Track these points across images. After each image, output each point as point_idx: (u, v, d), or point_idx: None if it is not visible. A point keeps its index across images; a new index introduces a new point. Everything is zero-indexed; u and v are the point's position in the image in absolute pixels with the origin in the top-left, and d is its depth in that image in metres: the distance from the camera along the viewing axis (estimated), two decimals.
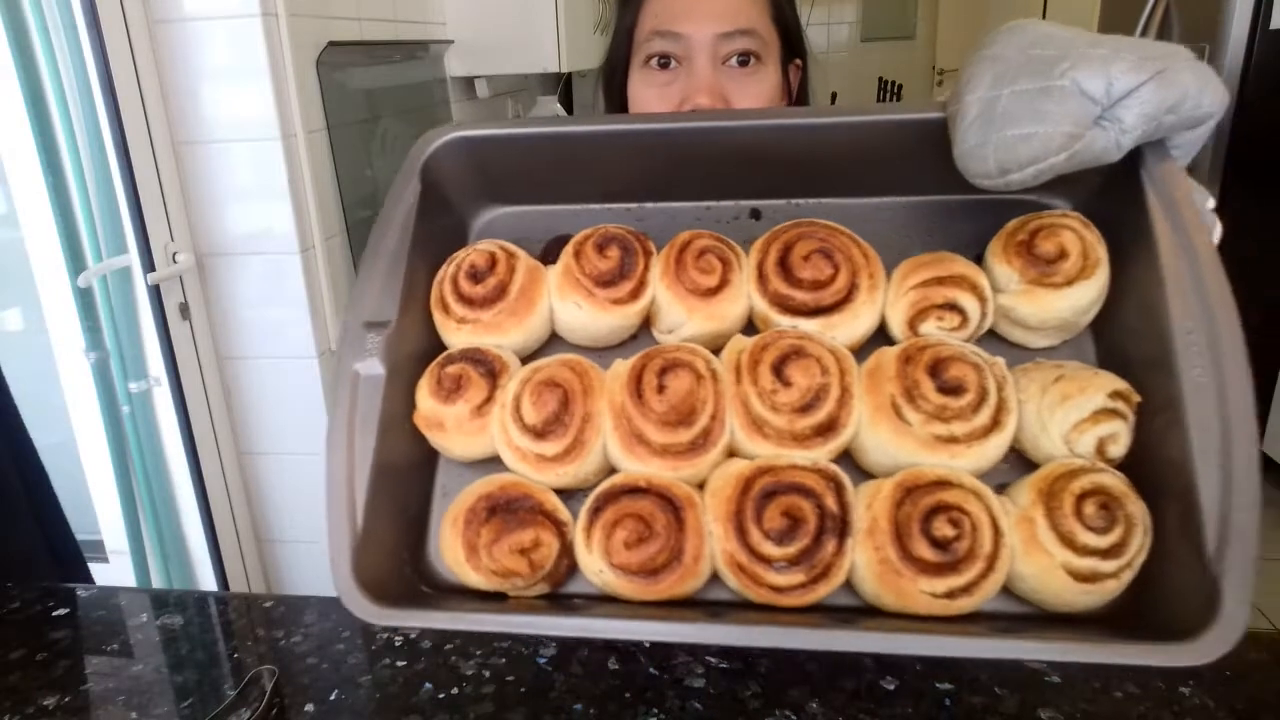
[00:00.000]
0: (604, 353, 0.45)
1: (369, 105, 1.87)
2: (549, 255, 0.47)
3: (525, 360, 0.45)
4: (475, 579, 0.40)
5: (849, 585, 0.38)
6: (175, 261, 1.53)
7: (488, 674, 0.75)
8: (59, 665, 0.79)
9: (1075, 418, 0.38)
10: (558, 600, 0.41)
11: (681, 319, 0.44)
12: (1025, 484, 0.38)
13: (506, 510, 0.40)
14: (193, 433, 1.59)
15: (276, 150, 1.52)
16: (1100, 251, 0.41)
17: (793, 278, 0.43)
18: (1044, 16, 4.66)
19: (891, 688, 0.67)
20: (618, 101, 0.84)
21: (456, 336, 0.46)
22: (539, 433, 0.41)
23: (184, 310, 1.56)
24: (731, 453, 0.41)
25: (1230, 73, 2.45)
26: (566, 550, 0.41)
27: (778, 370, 0.40)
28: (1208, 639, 0.33)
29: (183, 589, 1.67)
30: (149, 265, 1.48)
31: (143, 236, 1.47)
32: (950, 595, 0.36)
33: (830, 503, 0.38)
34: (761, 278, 0.44)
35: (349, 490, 0.40)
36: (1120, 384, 0.39)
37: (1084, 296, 0.40)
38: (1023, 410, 0.39)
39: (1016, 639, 0.35)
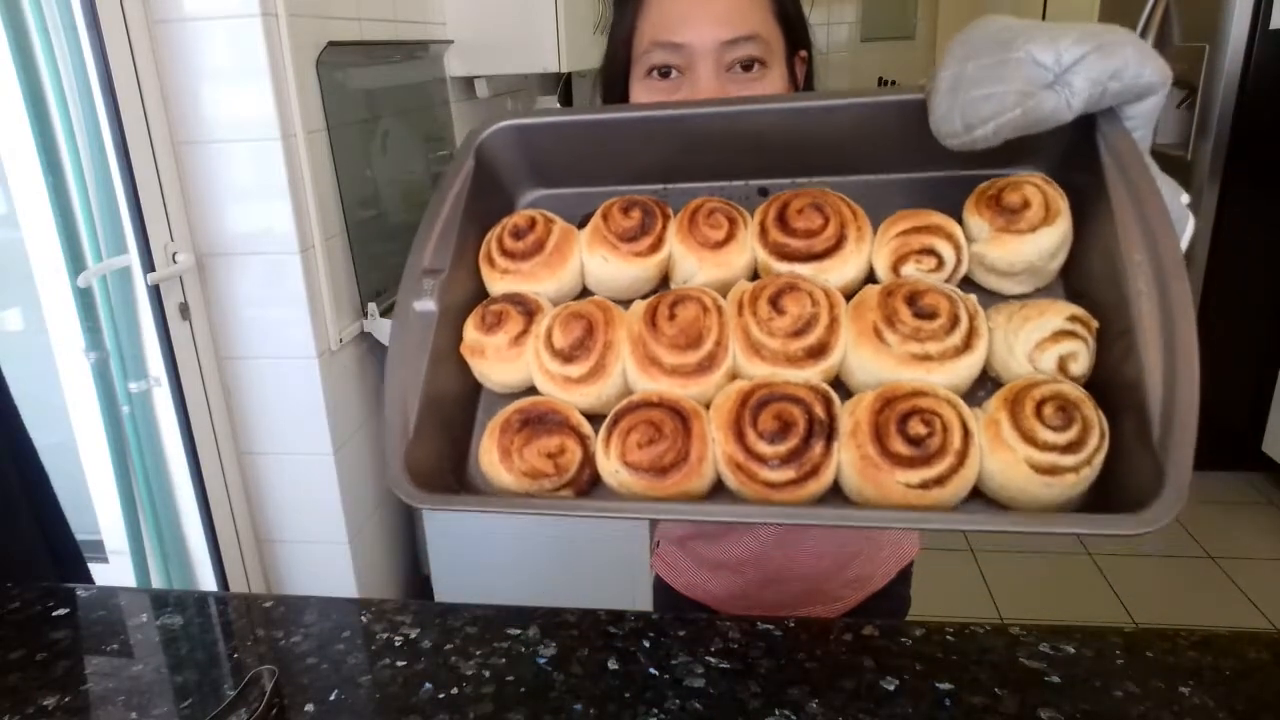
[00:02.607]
0: (627, 305, 0.52)
1: (369, 105, 1.87)
2: (582, 227, 0.55)
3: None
4: (508, 479, 0.46)
5: (837, 487, 0.43)
6: (175, 261, 1.53)
7: (488, 674, 0.75)
8: (59, 665, 0.79)
9: (1037, 337, 0.44)
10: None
11: (694, 269, 0.50)
12: (994, 396, 0.43)
13: (538, 421, 0.46)
14: (193, 433, 1.59)
15: (276, 150, 1.52)
16: (1061, 204, 0.46)
17: (789, 228, 0.49)
18: (1044, 16, 4.66)
19: (891, 688, 0.67)
20: None
21: (499, 285, 0.53)
22: (566, 356, 0.47)
23: (184, 310, 1.56)
24: (732, 376, 0.47)
25: (1230, 73, 2.45)
26: (588, 460, 0.46)
27: (774, 302, 0.46)
28: (1151, 511, 0.37)
29: (183, 589, 1.67)
30: (149, 265, 1.48)
31: (142, 236, 1.47)
32: (924, 486, 0.40)
33: (819, 410, 0.43)
34: (762, 231, 0.50)
35: (403, 403, 0.46)
36: (1077, 309, 0.44)
37: (1047, 241, 0.46)
38: (992, 337, 0.45)
39: (970, 514, 0.41)
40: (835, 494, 0.44)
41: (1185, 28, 2.66)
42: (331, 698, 0.73)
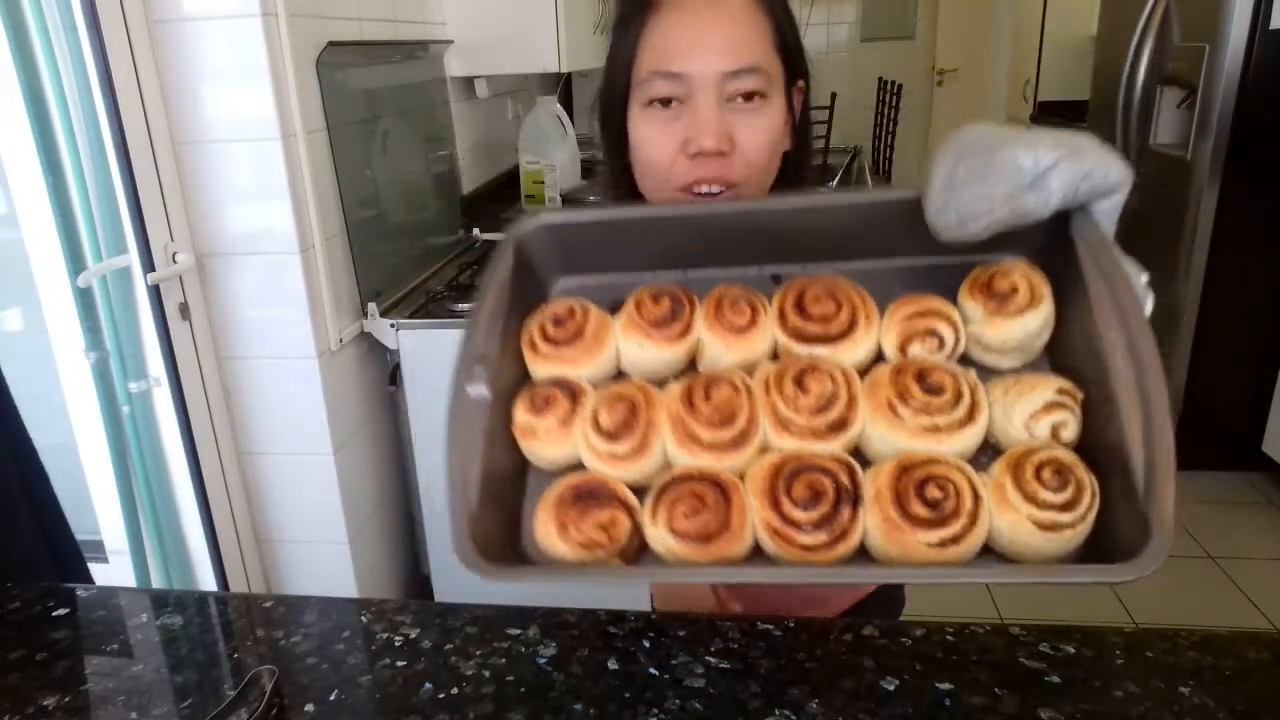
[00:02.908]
0: (660, 385, 0.57)
1: (369, 105, 1.87)
2: (613, 312, 0.59)
3: (597, 389, 0.57)
4: (564, 550, 0.49)
5: (864, 549, 0.48)
6: (175, 261, 1.53)
7: (488, 674, 0.75)
8: (59, 665, 0.79)
9: (1031, 409, 0.49)
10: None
11: (721, 352, 0.55)
12: (998, 461, 0.49)
13: (589, 496, 0.50)
14: (193, 433, 1.59)
15: (276, 150, 1.52)
16: (1044, 288, 0.53)
17: (806, 314, 0.55)
18: (1044, 16, 4.67)
19: (891, 688, 0.67)
20: (616, 138, 0.80)
21: (542, 369, 0.58)
22: (612, 435, 0.52)
23: (184, 310, 1.56)
24: (763, 449, 0.52)
25: (1230, 73, 2.45)
26: (636, 529, 0.50)
27: (798, 382, 0.51)
28: (1141, 559, 0.41)
29: (183, 589, 1.67)
30: (149, 265, 1.48)
31: (142, 236, 1.47)
32: (943, 545, 0.45)
33: (844, 479, 0.48)
34: (782, 316, 0.56)
35: (464, 482, 0.50)
36: (1064, 382, 0.50)
37: (1034, 322, 0.52)
38: (991, 409, 0.51)
39: (983, 568, 0.47)
40: (861, 554, 0.48)
41: (1185, 28, 2.66)
42: (331, 698, 0.73)
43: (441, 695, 0.73)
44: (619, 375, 0.59)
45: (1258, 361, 2.62)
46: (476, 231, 2.42)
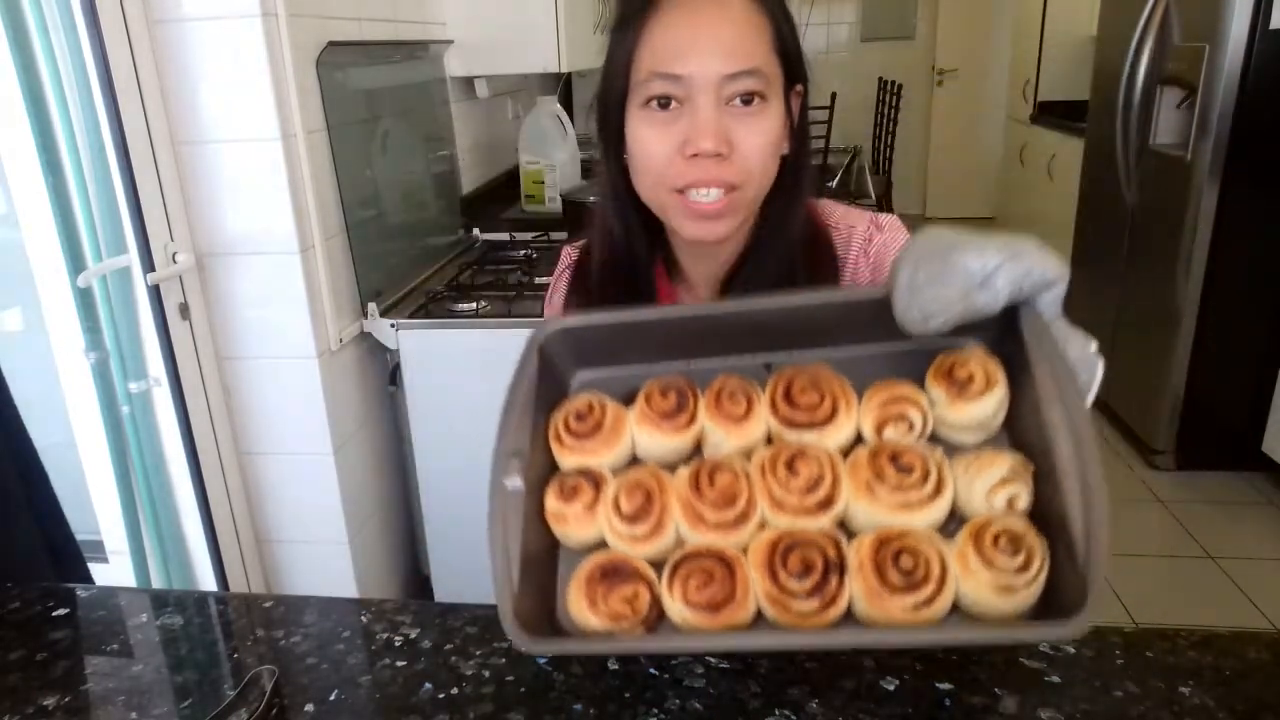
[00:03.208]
0: (671, 468, 0.65)
1: (369, 105, 1.87)
2: (626, 403, 0.67)
3: (616, 474, 0.65)
4: (594, 622, 0.57)
5: (850, 611, 0.55)
6: (175, 261, 1.53)
7: (488, 674, 0.75)
8: (59, 665, 0.79)
9: (989, 483, 0.57)
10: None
11: (722, 439, 0.64)
12: (961, 530, 0.56)
13: (614, 573, 0.58)
14: (193, 433, 1.59)
15: (276, 150, 1.52)
16: (999, 374, 0.60)
17: (794, 404, 0.63)
18: (1044, 16, 4.66)
19: (891, 688, 0.67)
20: (613, 138, 0.80)
21: (568, 459, 0.66)
22: (632, 519, 0.60)
23: (184, 310, 1.56)
24: (761, 525, 0.60)
25: (1230, 73, 2.45)
26: (656, 600, 0.58)
27: (789, 465, 0.60)
28: (1076, 621, 0.48)
29: (183, 589, 1.67)
30: (149, 265, 1.48)
31: (142, 236, 1.47)
32: (917, 607, 0.53)
33: (831, 552, 0.55)
34: (773, 405, 0.64)
35: (508, 565, 0.57)
36: (1017, 458, 0.58)
37: (990, 405, 0.60)
38: (956, 484, 0.58)
39: (947, 630, 0.55)
40: (848, 616, 0.56)
41: (1185, 28, 2.66)
42: (331, 698, 0.73)
43: (441, 695, 0.73)
44: (634, 460, 0.68)
45: (1258, 361, 2.62)
46: (476, 231, 2.42)
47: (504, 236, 2.39)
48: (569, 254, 0.96)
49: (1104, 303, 3.18)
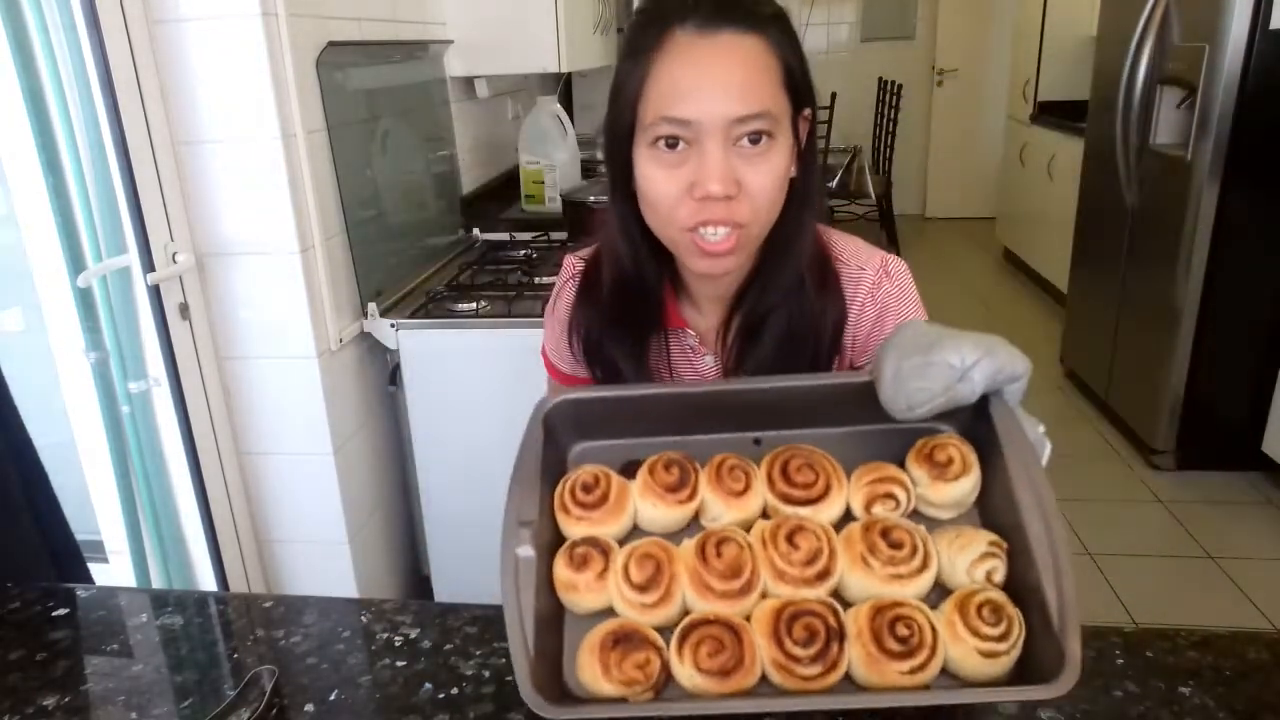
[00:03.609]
0: (670, 537, 0.69)
1: (369, 105, 1.87)
2: (625, 472, 0.71)
3: (620, 544, 0.68)
4: (607, 688, 0.60)
5: (849, 675, 0.60)
6: (175, 261, 1.53)
7: (488, 674, 0.75)
8: (59, 665, 0.79)
9: (969, 558, 0.63)
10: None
11: (721, 511, 0.69)
12: (947, 601, 0.61)
13: (626, 641, 0.61)
14: (193, 433, 1.59)
15: (276, 150, 1.52)
16: (972, 458, 0.68)
17: (790, 481, 0.69)
18: (1044, 16, 4.66)
19: None
20: (622, 172, 0.80)
21: (575, 529, 0.69)
22: (642, 588, 0.64)
23: (184, 310, 1.56)
24: (764, 595, 0.64)
25: (1230, 73, 2.45)
26: (665, 666, 0.60)
27: (789, 539, 0.65)
28: (1058, 682, 0.53)
29: (183, 589, 1.67)
30: (149, 265, 1.48)
31: (142, 236, 1.47)
32: (912, 672, 0.58)
33: (832, 621, 0.60)
34: (770, 482, 0.69)
35: (523, 632, 0.59)
36: (994, 536, 0.64)
37: (966, 486, 0.67)
38: (939, 558, 0.64)
39: (939, 691, 0.60)
40: (846, 679, 0.60)
41: (1185, 28, 2.66)
42: (331, 698, 0.73)
43: (441, 695, 0.73)
44: (635, 530, 0.71)
45: (1258, 361, 2.62)
46: (476, 231, 2.42)
47: (504, 236, 2.39)
48: (572, 263, 0.96)
49: (1104, 303, 3.18)
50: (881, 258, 0.88)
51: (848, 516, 0.69)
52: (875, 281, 0.86)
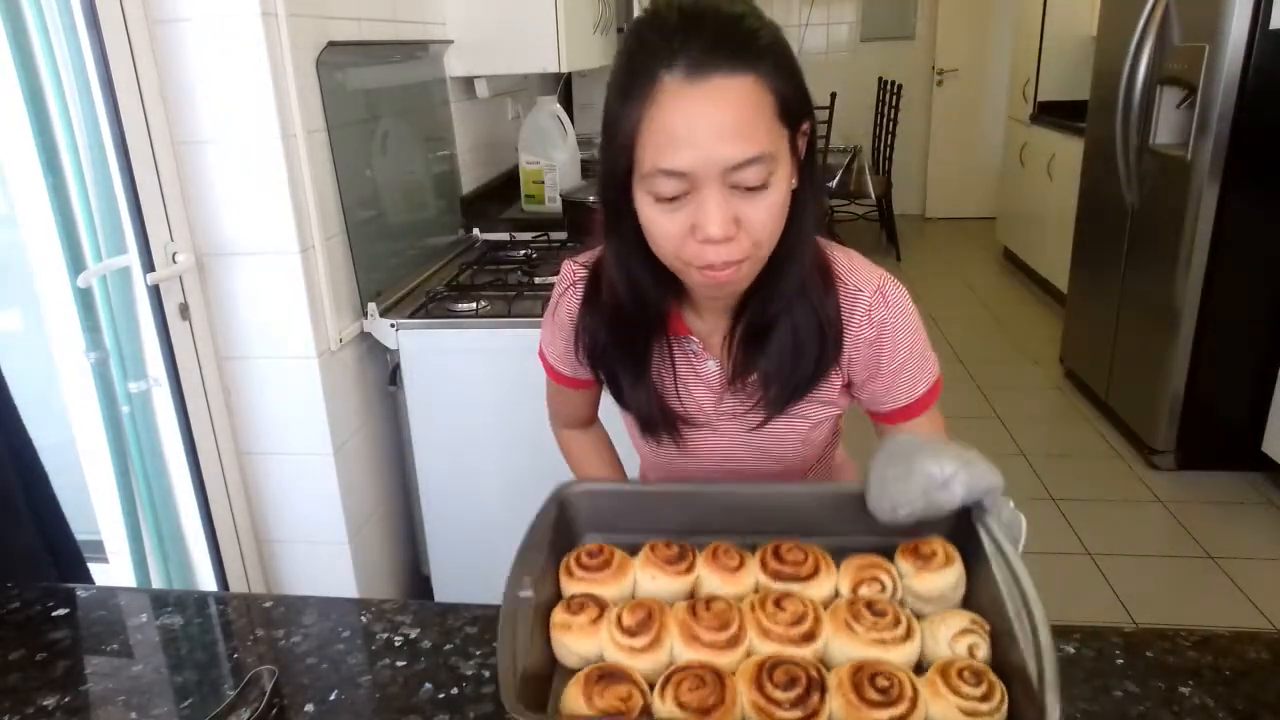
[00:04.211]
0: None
1: (369, 105, 1.87)
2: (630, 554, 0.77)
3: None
4: (588, 713, 0.62)
5: None
6: (175, 261, 1.53)
7: (487, 674, 0.75)
8: (59, 665, 0.79)
9: (951, 632, 0.66)
10: None
11: (716, 585, 0.73)
12: (931, 669, 0.63)
13: (611, 676, 0.63)
14: (192, 433, 1.59)
15: (276, 150, 1.52)
16: (955, 555, 0.73)
17: (782, 560, 0.74)
18: (1044, 16, 4.66)
19: None
20: (619, 209, 0.79)
21: (576, 589, 0.73)
22: (633, 632, 0.67)
23: (184, 310, 1.56)
24: (749, 654, 0.67)
25: (1230, 73, 2.45)
26: (647, 708, 0.62)
27: (777, 603, 0.69)
28: None
29: (183, 589, 1.67)
30: (149, 265, 1.48)
31: (142, 236, 1.47)
32: None
33: (814, 672, 0.62)
34: (763, 562, 0.75)
35: (513, 663, 0.61)
36: (974, 615, 0.68)
37: (951, 577, 0.72)
38: (924, 635, 0.67)
39: None
40: None
41: (1185, 28, 2.66)
42: (331, 698, 0.73)
43: (441, 695, 0.73)
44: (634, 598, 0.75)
45: (1258, 361, 2.62)
46: (476, 231, 2.42)
47: (504, 236, 2.39)
48: (571, 270, 0.95)
49: (1104, 303, 3.18)
50: (879, 280, 0.87)
51: (836, 597, 0.73)
52: (871, 304, 0.86)
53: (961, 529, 0.74)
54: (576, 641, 0.68)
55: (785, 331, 0.85)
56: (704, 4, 0.73)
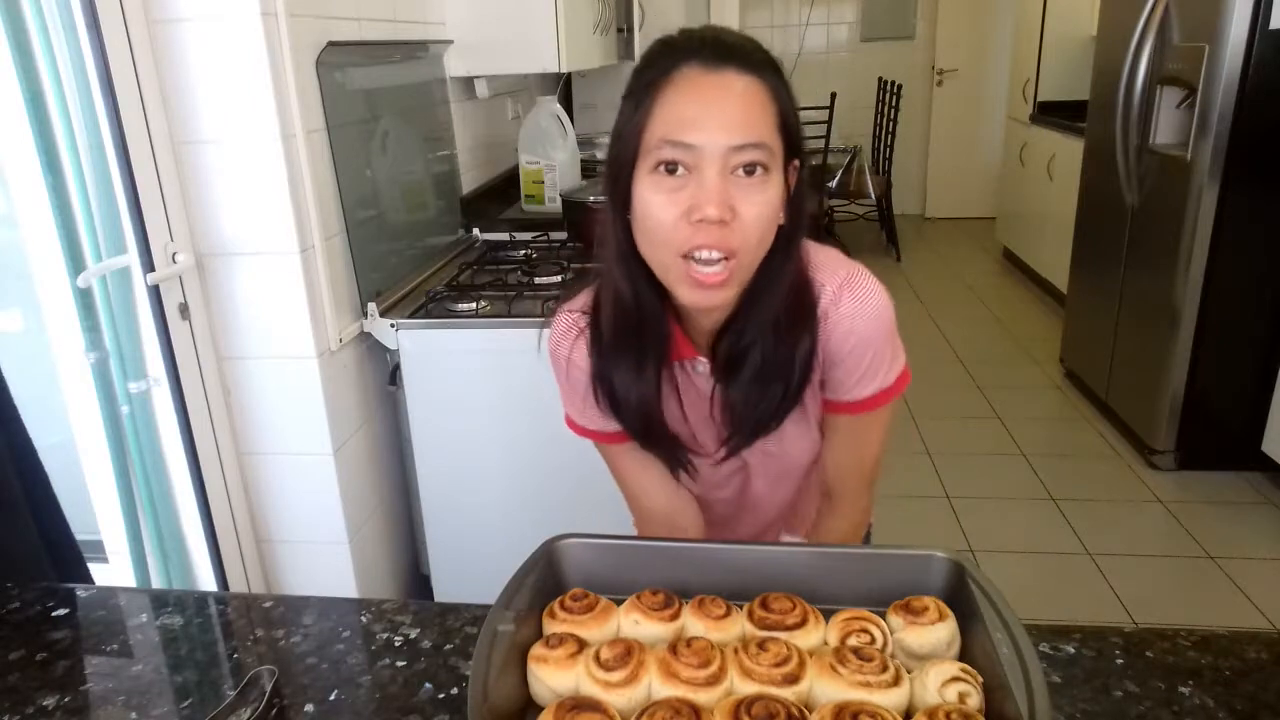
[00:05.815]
0: None
1: (368, 105, 1.87)
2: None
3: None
4: None
5: None
6: (175, 261, 1.53)
7: None
8: (59, 665, 0.79)
9: (942, 678, 0.65)
10: None
11: (701, 632, 0.72)
12: (919, 712, 0.63)
13: (584, 706, 0.63)
14: (192, 433, 1.59)
15: (276, 150, 1.52)
16: (949, 613, 0.72)
17: (769, 609, 0.74)
18: (1044, 16, 4.66)
19: None
20: (623, 202, 0.82)
21: (558, 629, 0.73)
22: (610, 666, 0.66)
23: (184, 310, 1.56)
24: (729, 694, 0.66)
25: (1230, 73, 2.45)
26: None
27: (760, 645, 0.68)
28: None
29: (182, 589, 1.67)
30: (149, 265, 1.48)
31: (142, 236, 1.47)
32: None
33: (794, 710, 0.62)
34: (750, 612, 0.74)
35: (484, 688, 0.62)
36: (965, 665, 0.67)
37: (943, 632, 0.71)
38: (913, 683, 0.66)
39: None
40: None
41: (1185, 28, 2.66)
42: (331, 698, 0.73)
43: (441, 695, 0.73)
44: None
45: (1258, 361, 2.62)
46: (476, 231, 2.42)
47: (504, 236, 2.39)
48: (568, 319, 0.94)
49: (1104, 303, 3.18)
50: (846, 273, 0.87)
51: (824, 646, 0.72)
52: (832, 298, 0.87)
53: (954, 592, 0.75)
54: (552, 675, 0.68)
55: (755, 363, 0.87)
56: (726, 29, 0.83)
